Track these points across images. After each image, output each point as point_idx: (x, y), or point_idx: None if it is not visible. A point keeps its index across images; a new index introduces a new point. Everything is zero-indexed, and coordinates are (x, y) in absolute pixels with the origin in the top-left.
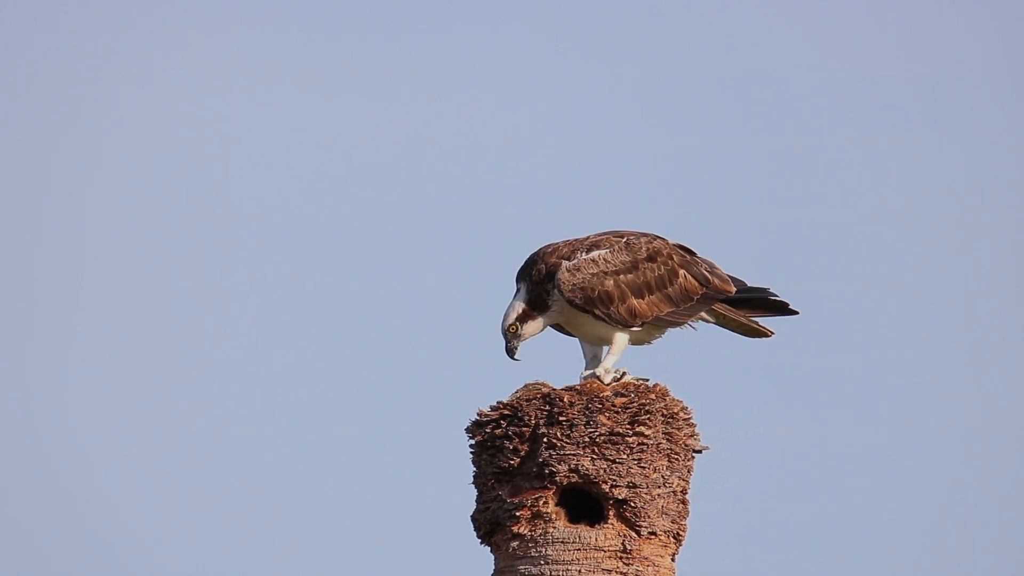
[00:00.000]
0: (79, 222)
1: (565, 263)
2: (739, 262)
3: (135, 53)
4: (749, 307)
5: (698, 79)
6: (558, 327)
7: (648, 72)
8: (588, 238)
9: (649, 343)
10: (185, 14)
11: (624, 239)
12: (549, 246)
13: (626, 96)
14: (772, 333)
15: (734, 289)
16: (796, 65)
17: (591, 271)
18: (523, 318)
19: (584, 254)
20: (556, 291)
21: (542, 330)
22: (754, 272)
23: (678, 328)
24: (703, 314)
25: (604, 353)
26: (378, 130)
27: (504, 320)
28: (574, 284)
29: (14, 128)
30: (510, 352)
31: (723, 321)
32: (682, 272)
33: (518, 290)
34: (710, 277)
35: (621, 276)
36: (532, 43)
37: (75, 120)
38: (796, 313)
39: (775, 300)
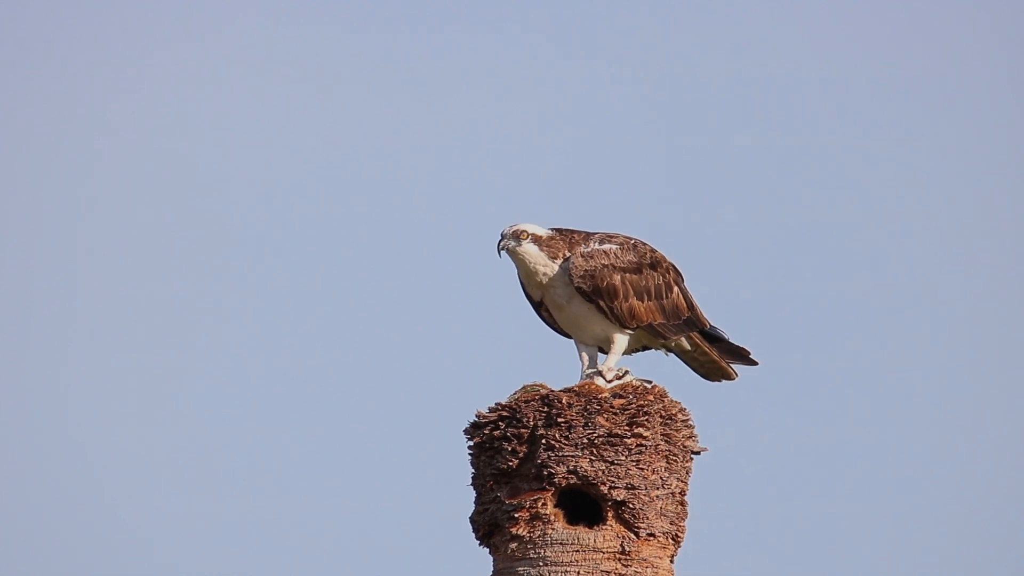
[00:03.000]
0: (76, 222)
1: (579, 248)
2: (738, 263)
3: (132, 53)
4: (716, 347)
5: (694, 81)
6: (556, 326)
7: (644, 73)
8: (596, 234)
9: (627, 353)
10: (182, 13)
11: (632, 241)
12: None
13: (624, 98)
14: (736, 376)
15: (708, 324)
16: (789, 68)
17: (602, 261)
18: (537, 240)
19: (596, 245)
20: (566, 276)
21: (532, 270)
22: (750, 274)
23: (652, 349)
24: (682, 340)
25: (600, 358)
26: (377, 130)
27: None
28: (585, 270)
29: (12, 128)
30: (499, 247)
31: (695, 352)
32: (676, 289)
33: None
34: (695, 304)
35: (628, 275)
36: (532, 43)
37: (72, 120)
38: (755, 364)
39: (737, 347)
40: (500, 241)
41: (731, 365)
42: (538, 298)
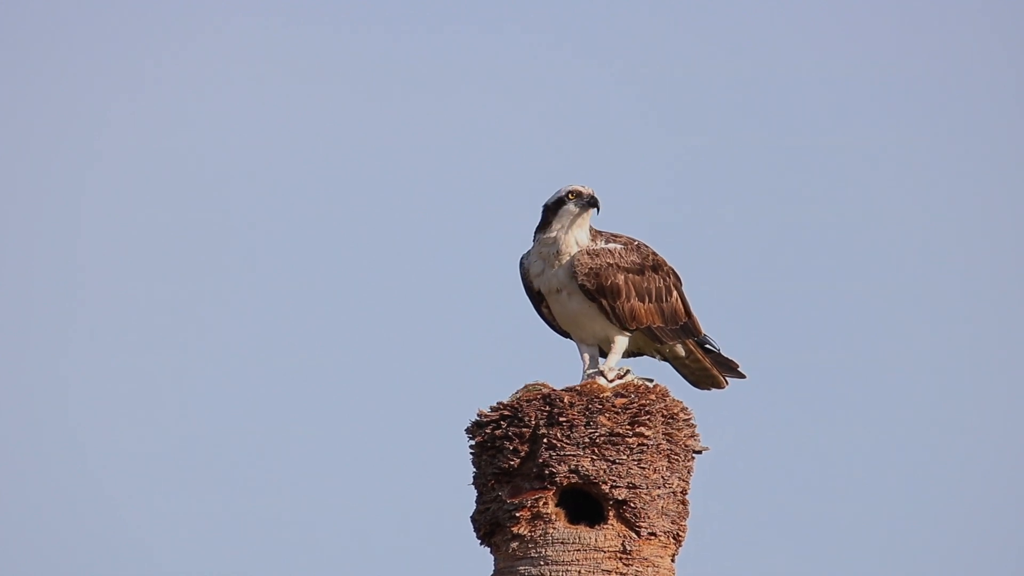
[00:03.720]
0: (76, 222)
1: (586, 246)
2: (738, 263)
3: (132, 52)
4: (708, 356)
5: (694, 81)
6: (556, 326)
7: (644, 73)
8: (602, 233)
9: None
10: (182, 13)
11: (635, 243)
12: None
13: (625, 98)
14: (727, 384)
15: (703, 332)
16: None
17: (607, 260)
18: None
19: (603, 243)
20: (572, 269)
21: (570, 241)
22: (751, 274)
23: (646, 355)
24: (677, 346)
25: (600, 360)
26: (377, 130)
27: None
28: (590, 268)
29: (12, 128)
30: (598, 201)
31: (688, 359)
32: (675, 293)
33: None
34: (691, 311)
35: (631, 275)
36: (532, 43)
37: (72, 120)
38: (744, 377)
39: (727, 359)
40: (594, 197)
41: (723, 374)
42: (538, 271)
